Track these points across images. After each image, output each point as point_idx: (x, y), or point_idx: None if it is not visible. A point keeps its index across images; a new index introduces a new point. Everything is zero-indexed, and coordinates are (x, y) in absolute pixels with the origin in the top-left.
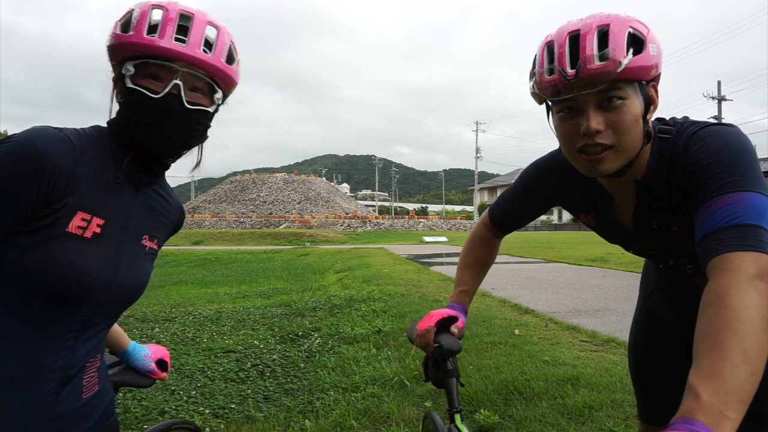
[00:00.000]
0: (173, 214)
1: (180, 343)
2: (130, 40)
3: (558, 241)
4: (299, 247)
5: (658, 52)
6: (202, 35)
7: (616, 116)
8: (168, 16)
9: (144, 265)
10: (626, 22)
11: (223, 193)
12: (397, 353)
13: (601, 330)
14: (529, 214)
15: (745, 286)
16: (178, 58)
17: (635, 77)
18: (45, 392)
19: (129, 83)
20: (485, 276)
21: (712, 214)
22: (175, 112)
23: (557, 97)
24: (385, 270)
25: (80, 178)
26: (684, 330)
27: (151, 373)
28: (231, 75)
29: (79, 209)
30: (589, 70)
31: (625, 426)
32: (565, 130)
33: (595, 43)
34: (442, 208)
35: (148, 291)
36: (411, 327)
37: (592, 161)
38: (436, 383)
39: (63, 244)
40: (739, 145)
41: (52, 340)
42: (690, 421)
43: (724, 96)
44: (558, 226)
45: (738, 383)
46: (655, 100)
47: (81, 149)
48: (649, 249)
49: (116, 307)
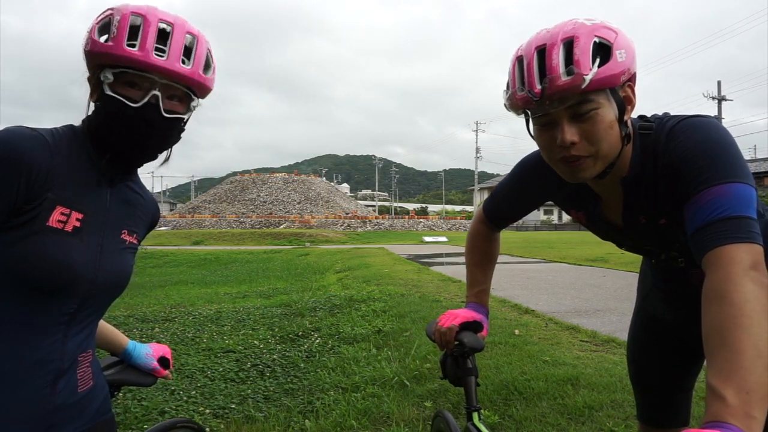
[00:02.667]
0: (149, 209)
1: (180, 343)
2: (110, 50)
3: (558, 241)
4: (299, 247)
5: (629, 55)
6: (181, 47)
7: (590, 126)
8: (148, 26)
9: (126, 258)
10: (592, 31)
11: (223, 193)
12: (397, 353)
13: (601, 330)
14: (521, 209)
15: (742, 279)
16: (157, 71)
17: (605, 86)
18: (40, 386)
19: (107, 90)
20: (494, 269)
21: (701, 209)
22: (153, 120)
23: (531, 113)
24: (385, 270)
25: (57, 174)
26: (682, 328)
27: (153, 371)
28: (207, 84)
29: (59, 204)
30: (555, 87)
31: (625, 426)
32: (543, 141)
33: (561, 58)
34: (442, 208)
35: (148, 291)
36: (431, 324)
37: (572, 168)
38: (454, 381)
39: (45, 237)
40: (719, 137)
41: (42, 334)
42: (723, 425)
43: (724, 96)
44: (558, 226)
45: (757, 380)
46: (632, 100)
47: (55, 146)
48: (640, 244)
49: (102, 299)
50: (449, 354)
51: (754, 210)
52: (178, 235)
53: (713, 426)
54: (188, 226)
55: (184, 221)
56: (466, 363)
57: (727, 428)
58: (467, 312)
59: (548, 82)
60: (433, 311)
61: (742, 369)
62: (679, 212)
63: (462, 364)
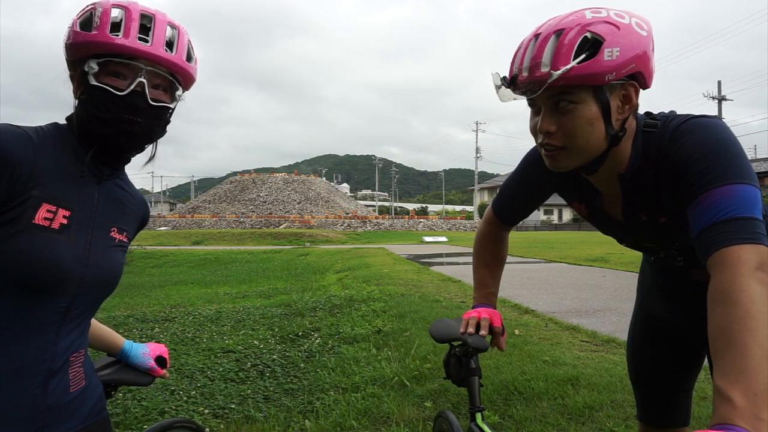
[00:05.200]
0: (138, 206)
1: (180, 343)
2: (95, 39)
3: (558, 241)
4: (299, 247)
5: (626, 54)
6: (164, 35)
7: (567, 120)
8: (130, 16)
9: (115, 256)
10: (586, 26)
11: (223, 193)
12: (397, 353)
13: (601, 330)
14: (531, 202)
15: (748, 280)
16: (143, 56)
17: (585, 83)
18: (31, 386)
19: (93, 81)
20: (503, 272)
21: (705, 210)
22: (140, 108)
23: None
24: (385, 270)
25: (42, 171)
26: (682, 327)
27: (151, 371)
28: (191, 72)
29: (44, 201)
30: (523, 77)
31: (625, 426)
32: (531, 125)
33: (547, 50)
34: (442, 208)
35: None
36: (436, 323)
37: (549, 157)
38: (458, 381)
39: (32, 235)
40: (724, 137)
41: (33, 334)
42: (731, 427)
43: (724, 96)
44: (558, 226)
45: (764, 381)
46: (632, 100)
47: (39, 143)
48: (641, 241)
49: (92, 297)
50: (452, 354)
51: (760, 211)
52: (178, 235)
53: (721, 428)
54: (188, 226)
55: (184, 221)
56: (470, 363)
57: (734, 430)
58: (482, 310)
59: (518, 71)
60: (433, 311)
61: (749, 370)
62: (680, 212)
63: (465, 365)
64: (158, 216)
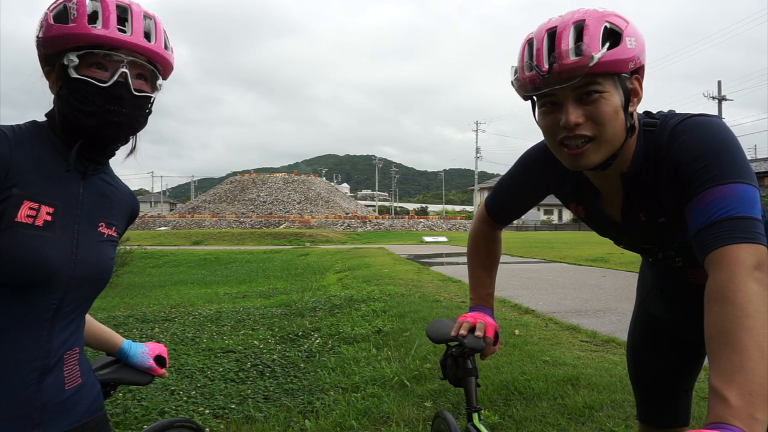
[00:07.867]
0: (125, 200)
1: (180, 343)
2: (73, 31)
3: (558, 241)
4: (299, 247)
5: (638, 45)
6: (142, 24)
7: (594, 108)
8: (107, 7)
9: (105, 251)
10: (603, 17)
11: (223, 193)
12: (397, 353)
13: (601, 330)
14: (524, 203)
15: (745, 279)
16: (124, 47)
17: (612, 70)
18: (26, 383)
19: (74, 74)
20: (498, 270)
21: (704, 209)
22: (125, 99)
23: (537, 92)
24: (385, 270)
25: (20, 169)
26: (682, 327)
27: (150, 370)
28: (170, 61)
29: (26, 198)
30: (562, 65)
31: (625, 426)
32: (547, 123)
33: (571, 39)
34: (442, 208)
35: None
36: (433, 324)
37: (574, 155)
38: (454, 382)
39: (16, 233)
40: (723, 137)
41: (26, 332)
42: (725, 426)
43: (724, 96)
44: (558, 226)
45: (760, 381)
46: (639, 93)
47: (16, 141)
48: (638, 242)
49: (84, 293)
50: (449, 354)
51: (758, 211)
52: (178, 235)
53: (715, 427)
54: (188, 226)
55: (184, 221)
56: (467, 363)
57: (729, 430)
58: (478, 315)
59: (556, 59)
60: (433, 311)
61: (745, 370)
62: (678, 212)
63: (462, 365)
64: (158, 216)
